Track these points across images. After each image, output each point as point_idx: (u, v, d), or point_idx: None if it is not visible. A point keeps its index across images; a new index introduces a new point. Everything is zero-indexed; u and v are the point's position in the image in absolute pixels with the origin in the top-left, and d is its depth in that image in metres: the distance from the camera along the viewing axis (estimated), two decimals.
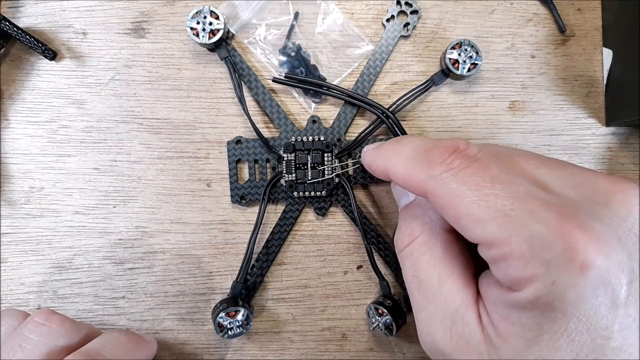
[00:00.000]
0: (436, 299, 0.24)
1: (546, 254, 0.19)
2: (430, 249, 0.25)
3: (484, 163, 0.22)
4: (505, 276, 0.21)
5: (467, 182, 0.21)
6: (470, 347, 0.22)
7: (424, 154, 0.24)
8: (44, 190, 0.33)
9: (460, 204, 0.21)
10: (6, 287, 0.33)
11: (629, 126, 0.34)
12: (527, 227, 0.20)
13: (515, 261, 0.20)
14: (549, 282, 0.19)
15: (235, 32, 0.33)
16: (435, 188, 0.22)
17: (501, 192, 0.20)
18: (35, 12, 0.33)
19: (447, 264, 0.24)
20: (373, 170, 0.27)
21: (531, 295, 0.20)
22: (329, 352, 0.34)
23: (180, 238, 0.33)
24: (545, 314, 0.20)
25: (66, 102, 0.33)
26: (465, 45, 0.32)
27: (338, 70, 0.34)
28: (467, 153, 0.22)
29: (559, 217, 0.20)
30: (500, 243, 0.20)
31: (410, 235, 0.26)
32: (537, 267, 0.19)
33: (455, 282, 0.24)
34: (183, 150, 0.34)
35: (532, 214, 0.20)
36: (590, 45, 0.35)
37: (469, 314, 0.23)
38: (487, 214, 0.20)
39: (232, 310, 0.30)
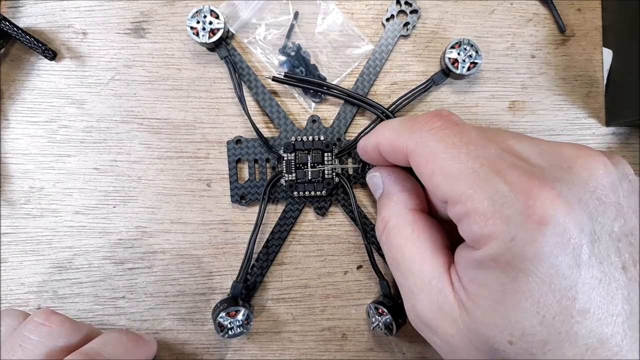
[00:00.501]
0: (411, 274, 0.25)
1: (506, 210, 0.20)
2: (399, 230, 0.26)
3: (463, 127, 0.23)
4: (469, 233, 0.21)
5: (444, 140, 0.23)
6: (444, 313, 0.23)
7: (410, 120, 0.25)
8: (44, 190, 0.33)
9: (435, 160, 0.22)
10: (6, 287, 0.33)
11: (629, 126, 0.34)
12: (490, 185, 0.20)
13: (477, 217, 0.20)
14: (508, 238, 0.20)
15: (235, 31, 0.33)
16: (415, 146, 0.24)
17: (473, 152, 0.22)
18: (35, 12, 0.33)
19: (415, 240, 0.25)
20: (366, 150, 0.29)
21: (492, 252, 0.20)
22: (329, 352, 0.34)
23: (180, 238, 0.33)
24: (506, 272, 0.20)
25: (66, 102, 0.33)
26: (465, 45, 0.32)
27: (338, 70, 0.34)
28: (449, 118, 0.24)
29: (522, 177, 0.20)
30: (465, 199, 0.21)
31: (382, 222, 0.27)
32: (498, 223, 0.20)
33: (425, 255, 0.25)
34: (183, 150, 0.34)
35: (497, 173, 0.21)
36: (590, 45, 0.35)
37: (441, 281, 0.24)
38: (457, 170, 0.21)
39: (232, 310, 0.30)
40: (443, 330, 0.23)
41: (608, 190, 0.21)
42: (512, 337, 0.20)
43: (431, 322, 0.24)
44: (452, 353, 0.23)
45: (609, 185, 0.21)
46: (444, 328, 0.23)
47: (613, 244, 0.20)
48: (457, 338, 0.23)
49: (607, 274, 0.20)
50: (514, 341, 0.20)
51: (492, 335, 0.21)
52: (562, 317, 0.19)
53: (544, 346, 0.20)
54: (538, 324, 0.20)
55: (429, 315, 0.24)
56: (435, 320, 0.23)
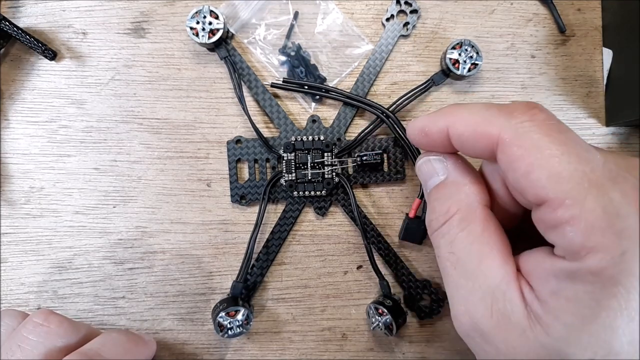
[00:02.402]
0: (475, 276, 0.23)
1: (620, 223, 0.18)
2: (468, 226, 0.24)
3: (566, 127, 0.21)
4: (567, 242, 0.19)
5: (550, 136, 0.20)
6: (511, 324, 0.21)
7: (501, 106, 0.23)
8: (44, 190, 0.33)
9: (538, 156, 0.20)
10: (6, 287, 0.33)
11: (629, 126, 0.34)
12: (605, 193, 0.19)
13: (584, 226, 0.19)
14: (617, 252, 0.18)
15: (235, 32, 0.33)
16: (513, 136, 0.21)
17: (583, 155, 0.20)
18: (35, 12, 0.33)
19: (486, 240, 0.23)
20: (426, 131, 0.25)
21: (595, 265, 0.18)
22: (329, 352, 0.34)
23: (180, 238, 0.33)
24: (606, 288, 0.18)
25: (66, 102, 0.33)
26: (466, 45, 0.32)
27: (338, 70, 0.34)
28: (549, 113, 0.22)
29: (636, 189, 0.19)
30: (571, 204, 0.19)
31: (446, 214, 0.25)
32: (608, 235, 0.18)
33: (495, 259, 0.23)
34: (183, 150, 0.34)
35: (612, 181, 0.19)
36: (590, 45, 0.35)
37: (510, 290, 0.22)
38: (566, 171, 0.19)
39: (232, 310, 0.30)
40: (505, 341, 0.21)
41: None
42: (595, 355, 0.19)
43: (490, 331, 0.22)
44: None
45: None
46: (507, 339, 0.21)
47: None
48: (522, 351, 0.21)
49: None
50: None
51: (572, 353, 0.19)
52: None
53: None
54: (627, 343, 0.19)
55: (489, 324, 0.22)
56: (497, 330, 0.22)
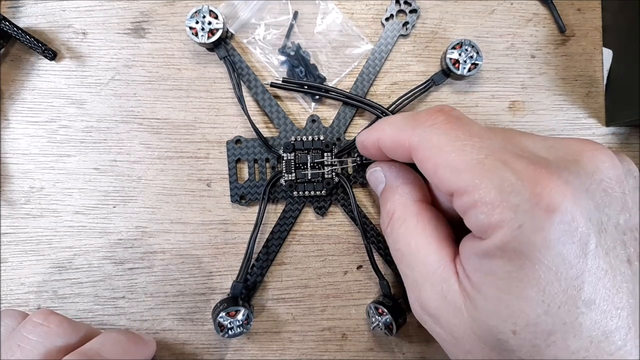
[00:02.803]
0: (416, 265, 0.25)
1: (514, 199, 0.20)
2: (404, 221, 0.26)
3: (466, 121, 0.24)
4: (475, 224, 0.21)
5: (447, 134, 0.23)
6: (449, 302, 0.23)
7: (411, 116, 0.25)
8: (44, 190, 0.33)
9: (439, 155, 0.22)
10: (6, 287, 0.33)
11: (629, 126, 0.34)
12: (497, 174, 0.20)
13: (484, 207, 0.20)
14: (515, 226, 0.19)
15: (235, 31, 0.33)
16: (418, 141, 0.24)
17: (477, 144, 0.22)
18: (35, 12, 0.33)
19: (421, 231, 0.25)
20: (365, 145, 0.28)
21: (499, 241, 0.20)
22: (329, 352, 0.34)
23: (180, 238, 0.33)
24: (513, 261, 0.20)
25: (66, 102, 0.33)
26: (466, 45, 0.32)
27: (337, 70, 0.34)
28: (452, 113, 0.24)
29: (529, 166, 0.20)
30: (471, 190, 0.21)
31: (387, 215, 0.27)
32: (505, 212, 0.20)
33: (431, 246, 0.25)
34: (183, 150, 0.34)
35: (504, 163, 0.21)
36: (590, 45, 0.35)
37: (446, 271, 0.24)
38: (462, 162, 0.21)
39: (232, 310, 0.30)
40: (447, 320, 0.23)
41: (614, 183, 0.21)
42: (515, 326, 0.20)
43: (435, 312, 0.24)
44: (455, 344, 0.23)
45: (615, 178, 0.21)
46: (448, 318, 0.23)
47: (619, 236, 0.20)
48: (461, 328, 0.22)
49: (613, 266, 0.20)
50: (517, 331, 0.20)
51: (495, 325, 0.21)
52: (567, 307, 0.19)
53: (548, 337, 0.20)
54: (543, 313, 0.20)
55: (432, 305, 0.24)
56: (440, 310, 0.23)
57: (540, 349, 0.20)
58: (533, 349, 0.20)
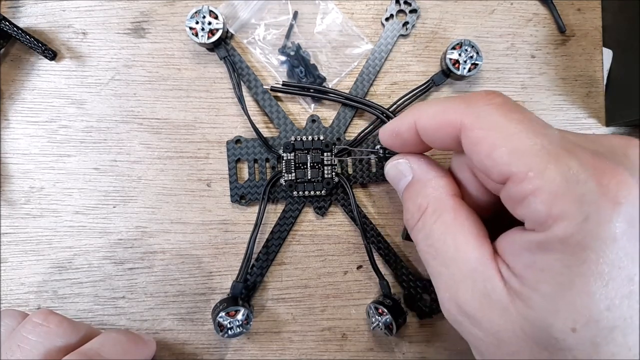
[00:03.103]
0: (453, 262, 0.24)
1: (580, 189, 0.19)
2: (440, 216, 0.25)
3: (523, 107, 0.23)
4: (533, 213, 0.20)
5: (507, 115, 0.22)
6: (493, 302, 0.22)
7: (460, 97, 0.24)
8: (44, 190, 0.33)
9: (499, 135, 0.21)
10: (6, 287, 0.33)
11: (629, 126, 0.34)
12: (562, 162, 0.20)
13: (547, 195, 0.19)
14: (580, 218, 0.19)
15: (235, 32, 0.33)
16: (473, 120, 0.22)
17: (540, 130, 0.21)
18: (35, 12, 0.33)
19: (459, 227, 0.24)
20: (397, 131, 0.27)
21: (562, 233, 0.19)
22: (329, 352, 0.34)
23: (180, 238, 0.33)
24: (576, 254, 0.19)
25: (66, 102, 0.33)
26: (466, 46, 0.32)
27: (337, 70, 0.34)
28: (508, 98, 0.23)
29: (593, 156, 0.20)
30: (533, 176, 0.20)
31: (419, 210, 0.26)
32: (570, 202, 0.19)
33: (469, 243, 0.23)
34: (183, 150, 0.34)
35: (568, 151, 0.20)
36: (590, 45, 0.35)
37: (488, 270, 0.22)
38: (525, 146, 0.20)
39: (232, 310, 0.30)
40: (490, 321, 0.22)
41: None
42: (576, 324, 0.19)
43: (475, 313, 0.22)
44: (497, 346, 0.22)
45: None
46: (492, 318, 0.22)
47: None
48: (507, 328, 0.21)
49: None
50: (577, 329, 0.19)
51: (553, 323, 0.20)
52: (627, 302, 0.19)
53: (610, 333, 0.19)
54: (605, 309, 0.19)
55: (473, 305, 0.23)
56: (481, 311, 0.22)
57: (599, 346, 0.19)
58: (591, 347, 0.19)
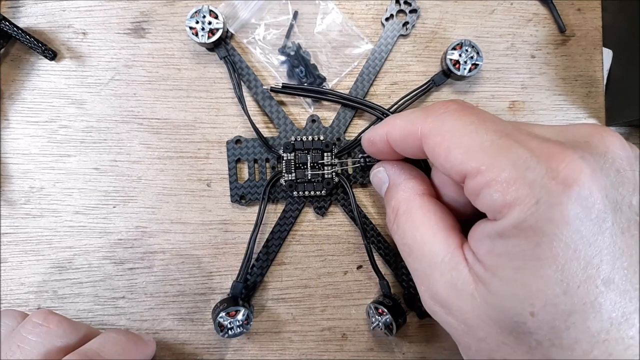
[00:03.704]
0: (424, 256, 0.25)
1: (529, 174, 0.19)
2: (410, 216, 0.26)
3: (479, 110, 0.24)
4: (490, 204, 0.21)
5: (461, 119, 0.23)
6: (460, 289, 0.23)
7: (423, 108, 0.26)
8: (44, 190, 0.33)
9: (452, 138, 0.23)
10: (6, 287, 0.33)
11: (629, 126, 0.34)
12: (511, 152, 0.20)
13: (499, 185, 0.20)
14: (532, 202, 0.19)
15: (235, 31, 0.33)
16: (431, 127, 0.24)
17: (491, 127, 0.22)
18: (35, 12, 0.33)
19: (426, 222, 0.25)
20: (372, 141, 0.28)
21: (514, 219, 0.20)
22: (329, 352, 0.34)
23: (180, 238, 0.33)
24: (529, 238, 0.19)
25: (66, 102, 0.33)
26: (466, 46, 0.32)
27: (337, 70, 0.34)
28: (464, 102, 0.24)
29: (543, 143, 0.20)
30: (486, 169, 0.21)
31: (393, 212, 0.27)
32: (521, 188, 0.19)
33: (437, 236, 0.25)
34: (183, 150, 0.34)
35: (517, 142, 0.21)
36: (590, 45, 0.35)
37: (455, 258, 0.23)
38: (477, 143, 0.22)
39: (232, 310, 0.30)
40: (459, 308, 0.23)
41: (625, 163, 0.20)
42: (533, 307, 0.19)
43: (446, 301, 0.23)
44: (468, 333, 0.23)
45: (626, 159, 0.20)
46: (460, 305, 0.23)
47: (632, 216, 0.20)
48: (474, 314, 0.22)
49: (630, 245, 0.19)
50: (535, 312, 0.19)
51: (512, 307, 0.20)
52: (586, 286, 0.18)
53: (568, 318, 0.19)
54: (562, 292, 0.19)
55: (443, 294, 0.23)
56: (451, 298, 0.23)
57: (559, 330, 0.19)
58: (552, 331, 0.19)
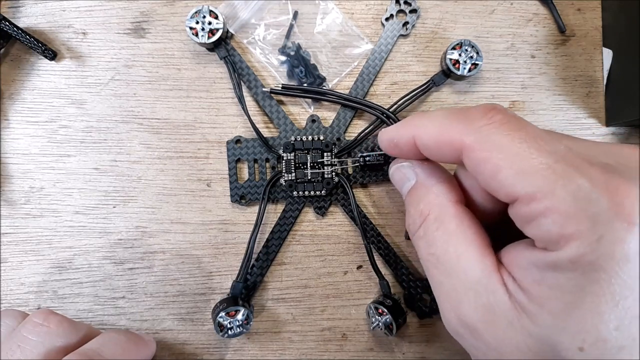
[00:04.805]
0: (455, 272, 0.23)
1: (592, 208, 0.18)
2: (442, 224, 0.24)
3: (524, 122, 0.22)
4: (544, 233, 0.20)
5: (509, 134, 0.21)
6: (497, 316, 0.21)
7: (459, 113, 0.23)
8: (44, 190, 0.33)
9: (502, 156, 0.21)
10: (6, 287, 0.33)
11: (629, 126, 0.34)
12: (572, 181, 0.19)
13: (558, 216, 0.19)
14: (594, 238, 0.18)
15: (235, 32, 0.33)
16: (475, 140, 0.22)
17: (544, 147, 0.20)
18: (35, 12, 0.33)
19: (461, 236, 0.24)
20: (395, 142, 0.26)
21: (573, 253, 0.19)
22: (329, 352, 0.34)
23: (180, 238, 0.33)
24: (587, 274, 0.19)
25: (66, 102, 0.33)
26: (466, 46, 0.32)
27: (337, 70, 0.34)
28: (507, 111, 0.22)
29: (604, 173, 0.19)
30: (542, 197, 0.19)
31: (420, 216, 0.25)
32: (582, 222, 0.18)
33: (473, 253, 0.23)
34: (183, 150, 0.34)
35: (576, 169, 0.19)
36: (590, 45, 0.35)
37: (492, 282, 0.22)
38: (531, 166, 0.20)
39: (232, 310, 0.30)
40: (492, 334, 0.21)
41: None
42: (584, 343, 0.19)
43: (476, 325, 0.22)
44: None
45: None
46: (494, 332, 0.21)
47: None
48: (511, 342, 0.21)
49: None
50: (585, 348, 0.19)
51: (560, 341, 0.19)
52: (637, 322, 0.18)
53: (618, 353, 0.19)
54: (614, 329, 0.18)
55: (474, 317, 0.22)
56: (483, 323, 0.22)
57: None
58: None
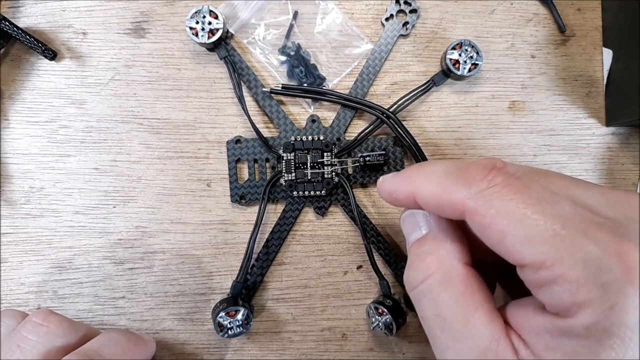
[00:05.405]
0: (463, 337, 0.22)
1: (604, 276, 0.18)
2: (450, 285, 0.23)
3: (526, 181, 0.21)
4: (556, 301, 0.19)
5: (512, 199, 0.20)
6: None
7: (459, 172, 0.22)
8: (44, 190, 0.33)
9: (506, 223, 0.20)
10: (6, 287, 0.33)
11: (629, 126, 0.34)
12: (580, 248, 0.19)
13: (569, 284, 0.19)
14: (606, 306, 0.18)
15: (235, 32, 0.33)
16: (476, 206, 0.21)
17: (549, 211, 0.20)
18: (35, 12, 0.33)
19: (470, 299, 0.23)
20: (395, 197, 0.25)
21: (586, 321, 0.18)
22: (329, 352, 0.34)
23: (180, 238, 0.33)
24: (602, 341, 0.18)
25: (66, 102, 0.33)
26: (466, 46, 0.32)
27: (337, 70, 0.34)
28: (507, 170, 0.21)
29: (613, 237, 0.19)
30: (550, 265, 0.19)
31: (425, 271, 0.24)
32: (593, 290, 0.18)
33: (481, 318, 0.22)
34: (183, 150, 0.34)
35: (584, 234, 0.19)
36: (590, 45, 0.35)
37: (502, 348, 0.21)
38: (536, 233, 0.19)
39: (232, 310, 0.30)
40: None
41: None
42: None
43: None
44: None
45: None
46: None
47: None
48: None
49: None
50: None
51: None
52: None
53: None
54: None
55: None
56: None
57: None
58: None
